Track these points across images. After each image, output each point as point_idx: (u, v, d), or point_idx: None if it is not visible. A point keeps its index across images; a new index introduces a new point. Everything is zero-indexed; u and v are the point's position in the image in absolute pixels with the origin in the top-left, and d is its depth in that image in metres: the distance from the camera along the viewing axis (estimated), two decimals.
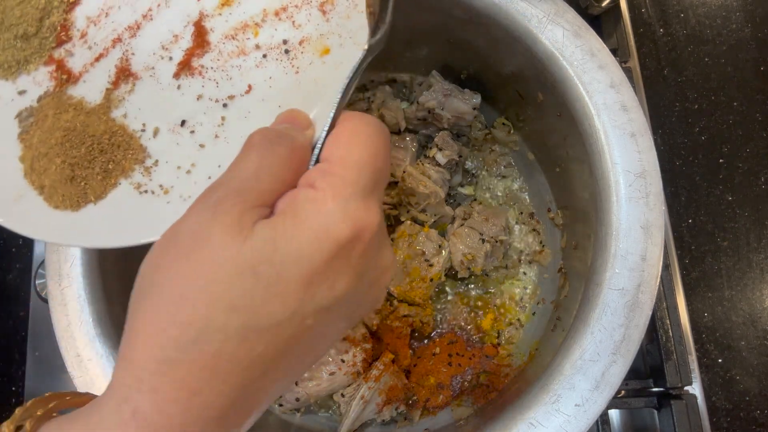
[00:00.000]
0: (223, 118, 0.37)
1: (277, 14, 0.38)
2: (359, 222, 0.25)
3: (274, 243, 0.24)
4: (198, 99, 0.37)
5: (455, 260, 0.60)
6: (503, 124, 0.66)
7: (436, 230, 0.63)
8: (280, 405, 0.58)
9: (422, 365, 0.60)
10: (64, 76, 0.39)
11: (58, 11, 0.39)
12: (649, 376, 0.62)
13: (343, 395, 0.57)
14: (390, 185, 0.64)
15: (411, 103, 0.66)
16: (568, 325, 0.49)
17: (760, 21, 0.76)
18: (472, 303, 0.64)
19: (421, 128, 0.66)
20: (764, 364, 0.66)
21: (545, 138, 0.62)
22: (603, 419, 0.59)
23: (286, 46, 0.37)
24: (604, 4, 0.65)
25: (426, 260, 0.59)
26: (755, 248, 0.69)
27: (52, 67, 0.39)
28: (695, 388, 0.64)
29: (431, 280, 0.59)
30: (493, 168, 0.68)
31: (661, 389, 0.61)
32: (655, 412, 0.62)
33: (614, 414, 0.64)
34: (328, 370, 0.55)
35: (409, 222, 0.62)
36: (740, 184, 0.71)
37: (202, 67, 0.38)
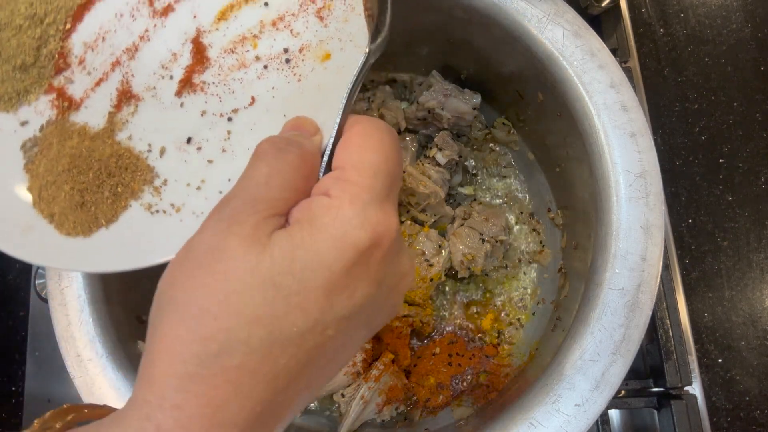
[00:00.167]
0: (228, 132, 0.37)
1: (274, 24, 0.37)
2: (378, 228, 0.25)
3: (292, 253, 0.24)
4: (202, 115, 0.37)
5: (455, 260, 0.60)
6: (503, 124, 0.66)
7: (436, 230, 0.62)
8: None
9: (422, 365, 0.60)
10: (65, 104, 0.39)
11: (55, 39, 0.39)
12: (649, 376, 0.62)
13: (343, 395, 0.57)
14: None
15: (411, 103, 0.66)
16: (568, 325, 0.49)
17: (760, 21, 0.76)
18: (472, 303, 0.64)
19: (421, 128, 0.66)
20: (764, 364, 0.66)
21: (545, 138, 0.61)
22: (603, 419, 0.59)
23: (287, 55, 0.37)
24: (604, 4, 0.65)
25: (426, 260, 0.59)
26: (755, 248, 0.69)
27: (53, 95, 0.39)
28: (695, 388, 0.64)
29: (431, 280, 0.59)
30: (493, 168, 0.68)
31: (661, 389, 0.61)
32: (655, 412, 0.62)
33: (614, 414, 0.64)
34: None
35: (409, 222, 0.62)
36: (740, 184, 0.71)
37: (204, 83, 0.38)
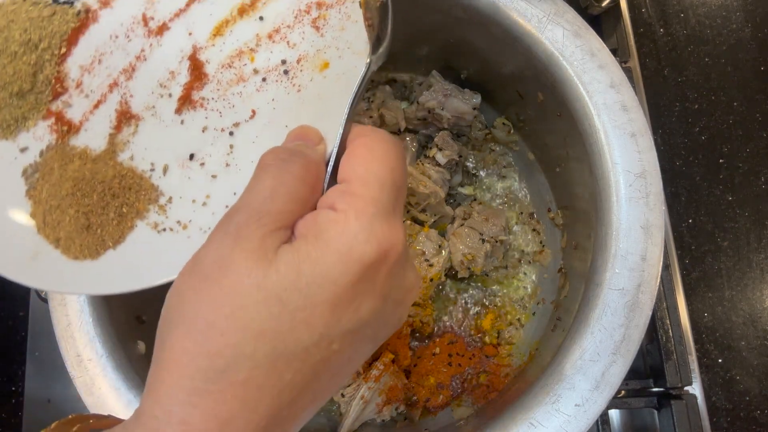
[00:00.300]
0: (231, 146, 0.36)
1: (270, 37, 0.37)
2: (384, 242, 0.25)
3: (298, 267, 0.24)
4: (203, 131, 0.37)
5: (455, 260, 0.60)
6: (503, 124, 0.66)
7: (436, 230, 0.63)
8: None
9: (422, 365, 0.60)
10: (64, 128, 0.39)
11: (51, 64, 0.39)
12: (649, 376, 0.62)
13: (343, 395, 0.57)
14: None
15: (411, 103, 0.66)
16: (568, 325, 0.49)
17: (760, 21, 0.76)
18: (472, 303, 0.64)
19: (421, 128, 0.66)
20: (764, 365, 0.66)
21: (545, 138, 0.61)
22: (603, 419, 0.59)
23: (285, 66, 0.37)
24: (604, 4, 0.65)
25: (426, 260, 0.59)
26: (755, 248, 0.69)
27: (51, 120, 0.39)
28: (695, 388, 0.64)
29: (431, 280, 0.59)
30: (493, 168, 0.68)
31: (661, 389, 0.61)
32: (655, 412, 0.62)
33: (614, 414, 0.64)
34: None
35: (409, 222, 0.62)
36: (740, 184, 0.71)
37: (203, 99, 0.38)
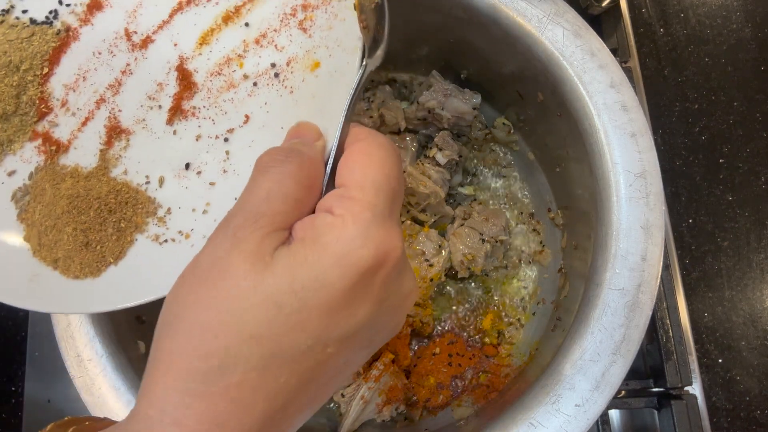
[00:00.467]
0: (227, 153, 0.36)
1: (257, 42, 0.37)
2: (381, 247, 0.25)
3: (294, 271, 0.24)
4: (197, 139, 0.37)
5: (455, 260, 0.60)
6: (503, 124, 0.66)
7: (436, 230, 0.62)
8: None
9: (422, 365, 0.60)
10: (53, 148, 0.38)
11: (33, 85, 0.38)
12: (649, 376, 0.62)
13: (343, 395, 0.56)
14: None
15: (411, 103, 0.66)
16: (569, 325, 0.49)
17: (760, 21, 0.76)
18: (472, 303, 0.64)
19: (421, 128, 0.66)
20: (764, 365, 0.66)
21: (545, 138, 0.61)
22: (603, 419, 0.59)
23: (275, 69, 0.36)
24: (605, 4, 0.65)
25: (426, 260, 0.59)
26: (755, 248, 0.69)
27: (38, 141, 0.38)
28: (695, 389, 0.64)
29: (431, 280, 0.59)
30: (493, 168, 0.68)
31: (662, 389, 0.61)
32: (655, 412, 0.62)
33: (614, 414, 0.64)
34: None
35: (409, 222, 0.62)
36: (741, 184, 0.71)
37: (194, 108, 0.37)
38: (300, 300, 0.23)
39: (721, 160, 0.72)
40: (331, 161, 0.29)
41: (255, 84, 0.37)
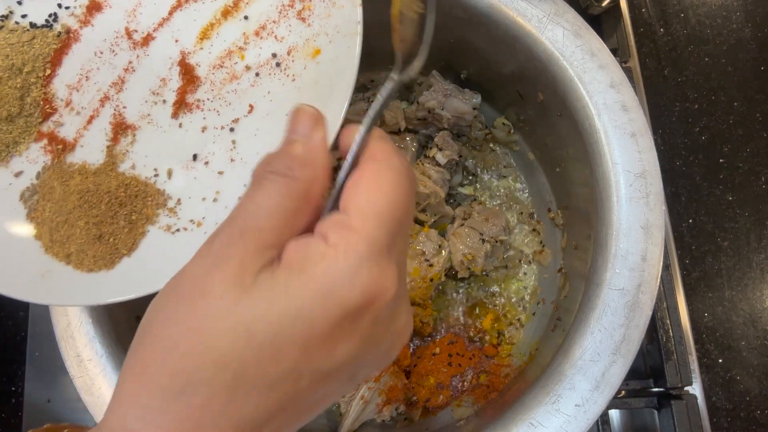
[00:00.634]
0: (233, 142, 0.37)
1: (257, 34, 0.38)
2: (372, 288, 0.23)
3: (274, 299, 0.22)
4: (203, 131, 0.37)
5: (455, 260, 0.60)
6: (503, 124, 0.66)
7: (436, 230, 0.62)
8: None
9: (422, 365, 0.60)
10: (59, 147, 0.39)
11: (37, 87, 0.39)
12: (649, 376, 0.62)
13: (343, 395, 0.56)
14: None
15: (411, 103, 0.66)
16: (569, 325, 0.49)
17: (760, 21, 0.76)
18: (472, 303, 0.64)
19: (421, 128, 0.66)
20: (764, 365, 0.66)
21: (545, 138, 0.61)
22: (603, 419, 0.59)
23: (276, 59, 0.37)
24: (605, 4, 0.65)
25: (426, 260, 0.59)
26: (755, 248, 0.69)
27: (44, 141, 0.39)
28: (695, 389, 0.64)
29: (431, 280, 0.59)
30: (493, 168, 0.68)
31: (662, 389, 0.61)
32: (656, 412, 0.62)
33: (614, 414, 0.64)
34: None
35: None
36: (741, 184, 0.71)
37: (199, 101, 0.38)
38: (274, 330, 0.22)
39: (721, 160, 0.72)
40: (341, 179, 0.27)
41: (257, 74, 0.37)
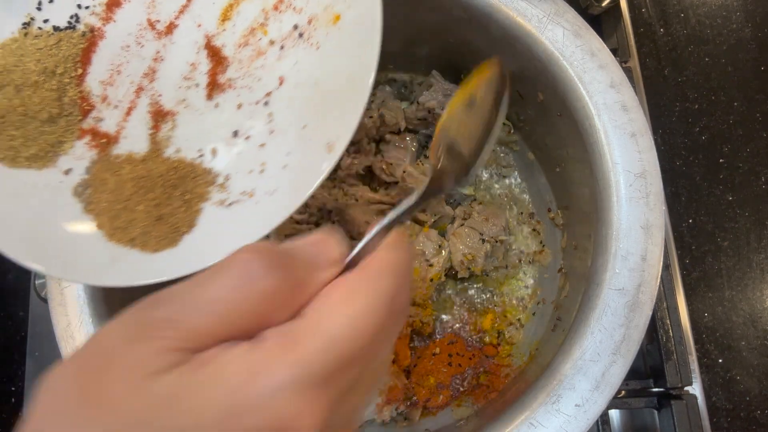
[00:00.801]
0: (270, 115, 0.38)
1: (276, 8, 0.39)
2: (281, 422, 0.19)
3: (160, 402, 0.19)
4: (239, 108, 0.38)
5: (455, 260, 0.60)
6: (503, 124, 0.66)
7: (436, 230, 0.62)
8: None
9: (422, 365, 0.60)
10: (103, 141, 0.40)
11: (72, 86, 0.40)
12: (649, 376, 0.62)
13: None
14: (390, 185, 0.64)
15: (411, 103, 0.66)
16: (569, 326, 0.49)
17: (760, 21, 0.76)
18: (472, 303, 0.64)
19: (421, 128, 0.66)
20: (765, 365, 0.66)
21: (545, 138, 0.61)
22: (603, 419, 0.59)
23: (298, 30, 0.38)
24: (605, 4, 0.65)
25: (426, 260, 0.59)
26: (756, 248, 0.69)
27: (87, 137, 0.40)
28: (695, 389, 0.64)
29: (431, 280, 0.59)
30: (493, 168, 0.68)
31: (662, 389, 0.61)
32: (656, 412, 0.62)
33: (614, 414, 0.64)
34: None
35: (409, 222, 0.62)
36: (741, 184, 0.71)
37: (230, 80, 0.39)
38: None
39: (721, 160, 0.72)
40: (355, 250, 0.25)
41: (282, 47, 0.38)
